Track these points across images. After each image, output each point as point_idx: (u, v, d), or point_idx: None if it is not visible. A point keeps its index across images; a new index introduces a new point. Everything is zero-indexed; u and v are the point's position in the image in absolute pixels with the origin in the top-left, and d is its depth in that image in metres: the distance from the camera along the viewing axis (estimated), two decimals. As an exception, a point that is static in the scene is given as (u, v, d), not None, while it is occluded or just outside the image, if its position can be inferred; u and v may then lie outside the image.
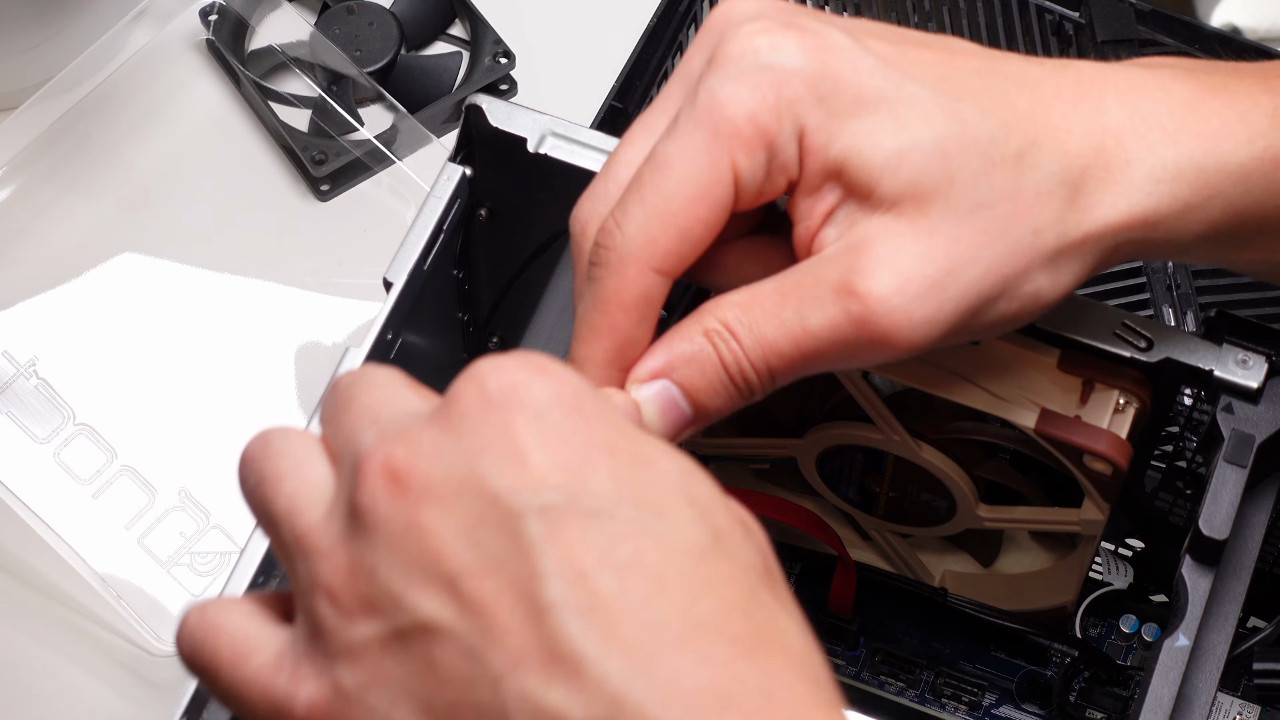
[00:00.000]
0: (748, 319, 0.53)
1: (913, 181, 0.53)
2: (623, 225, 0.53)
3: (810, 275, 0.53)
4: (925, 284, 0.53)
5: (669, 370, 0.54)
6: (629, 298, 0.53)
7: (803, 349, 0.53)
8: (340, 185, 0.91)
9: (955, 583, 0.74)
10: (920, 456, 0.68)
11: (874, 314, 0.53)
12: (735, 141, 0.53)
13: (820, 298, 0.53)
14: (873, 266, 0.53)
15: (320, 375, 0.65)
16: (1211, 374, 0.62)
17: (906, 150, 0.53)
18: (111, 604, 0.79)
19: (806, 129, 0.53)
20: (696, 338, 0.54)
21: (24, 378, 0.84)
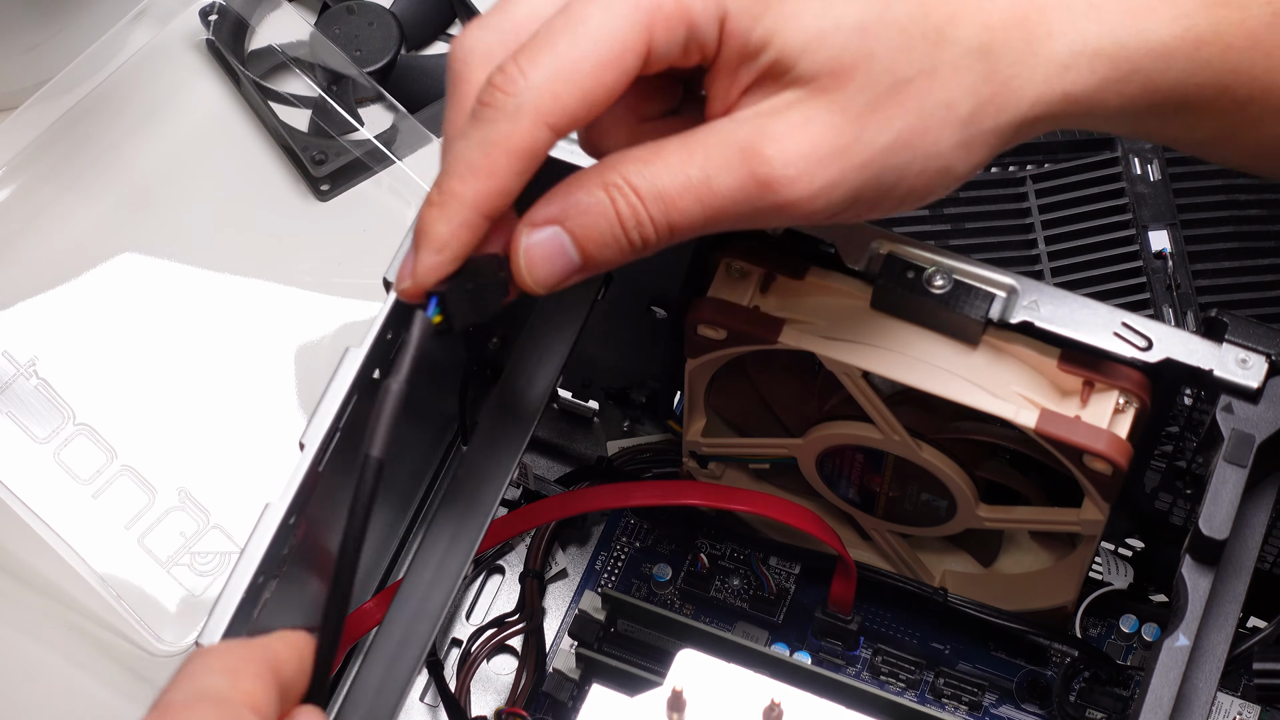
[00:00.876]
0: (650, 174, 0.53)
1: (831, 59, 0.53)
2: (527, 73, 0.52)
3: (717, 135, 0.54)
4: (829, 150, 0.53)
5: (562, 218, 0.54)
6: (517, 146, 0.53)
7: (706, 205, 0.54)
8: (340, 185, 0.91)
9: (955, 583, 0.74)
10: (920, 456, 0.68)
11: (777, 177, 0.53)
12: (657, 16, 0.53)
13: (727, 157, 0.53)
14: (780, 130, 0.53)
15: (320, 375, 0.65)
16: (1211, 374, 0.62)
17: (828, 31, 0.53)
18: (111, 604, 0.79)
19: (730, 13, 0.53)
20: (595, 190, 0.54)
21: (24, 378, 0.84)
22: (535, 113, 0.53)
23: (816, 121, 0.53)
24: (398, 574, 0.77)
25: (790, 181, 0.53)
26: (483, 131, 0.53)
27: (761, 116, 0.54)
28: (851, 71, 0.53)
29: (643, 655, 0.74)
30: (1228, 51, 0.56)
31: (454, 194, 0.53)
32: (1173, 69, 0.56)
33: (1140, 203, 0.87)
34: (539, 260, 0.54)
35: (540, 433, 0.80)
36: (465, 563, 0.64)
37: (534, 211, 0.55)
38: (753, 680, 0.62)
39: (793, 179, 0.53)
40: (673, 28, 0.53)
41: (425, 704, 0.76)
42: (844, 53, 0.53)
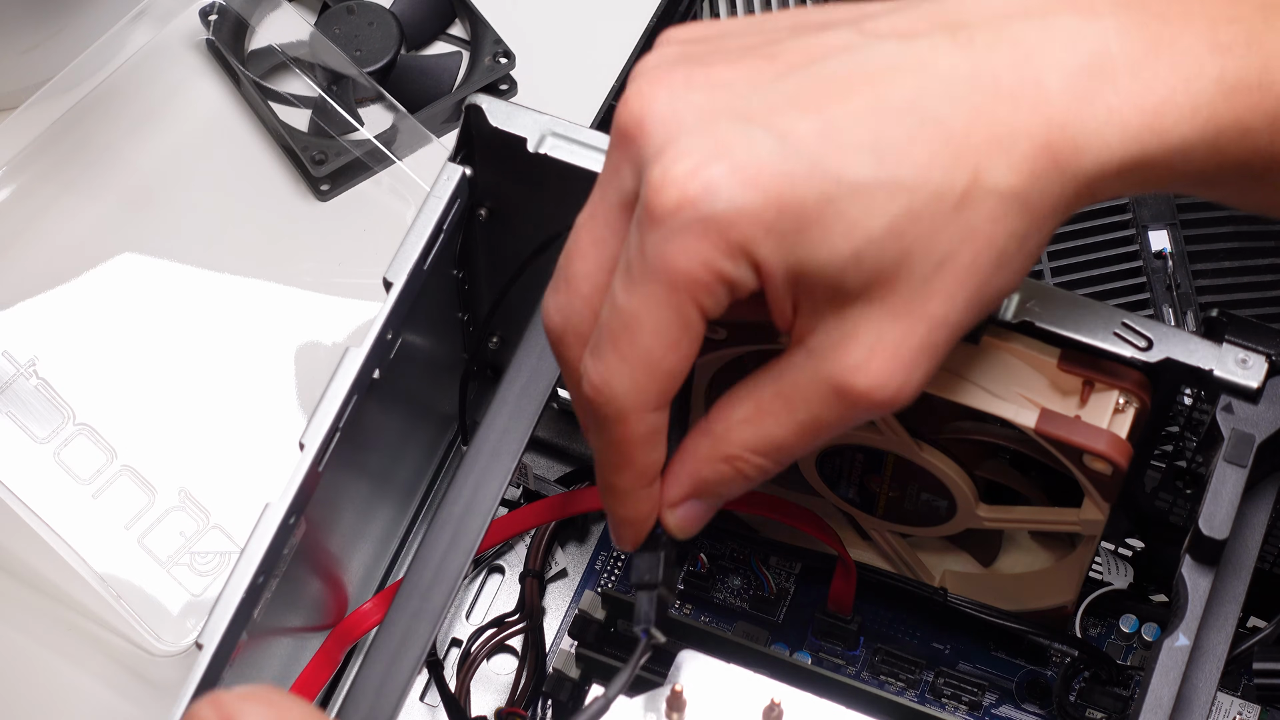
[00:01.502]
0: (762, 433, 0.57)
1: (873, 271, 0.54)
2: (611, 384, 0.56)
3: (806, 377, 0.56)
4: (913, 355, 0.55)
5: (697, 494, 0.59)
6: (638, 437, 0.57)
7: (820, 436, 0.57)
8: (340, 185, 0.91)
9: (955, 583, 0.74)
10: (920, 456, 0.68)
11: (877, 401, 0.56)
12: (695, 289, 0.54)
13: (824, 396, 0.56)
14: (859, 358, 0.55)
15: (320, 375, 0.65)
16: (1211, 374, 0.62)
17: (861, 249, 0.54)
18: (111, 604, 0.79)
19: (760, 259, 0.54)
20: (719, 465, 0.58)
21: (24, 378, 0.84)
22: (635, 411, 0.56)
23: (887, 336, 0.55)
24: (398, 574, 0.77)
25: (891, 398, 0.56)
26: (606, 437, 0.57)
27: (838, 349, 0.55)
28: (896, 274, 0.54)
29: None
30: (1246, 135, 0.56)
31: (616, 488, 0.59)
32: (1193, 160, 0.56)
33: (1140, 203, 0.87)
34: (688, 526, 0.60)
35: (540, 433, 0.80)
36: (465, 563, 0.64)
37: (669, 492, 0.59)
38: (753, 680, 0.62)
39: (893, 395, 0.55)
40: (713, 291, 0.54)
41: (425, 704, 0.76)
42: (883, 261, 0.54)
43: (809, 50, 0.55)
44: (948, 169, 0.54)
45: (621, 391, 0.56)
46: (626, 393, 0.56)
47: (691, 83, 0.55)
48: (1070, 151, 0.54)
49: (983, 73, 0.54)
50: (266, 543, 0.61)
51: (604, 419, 0.57)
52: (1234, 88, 0.55)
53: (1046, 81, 0.54)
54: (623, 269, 0.55)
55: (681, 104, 0.55)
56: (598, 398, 0.56)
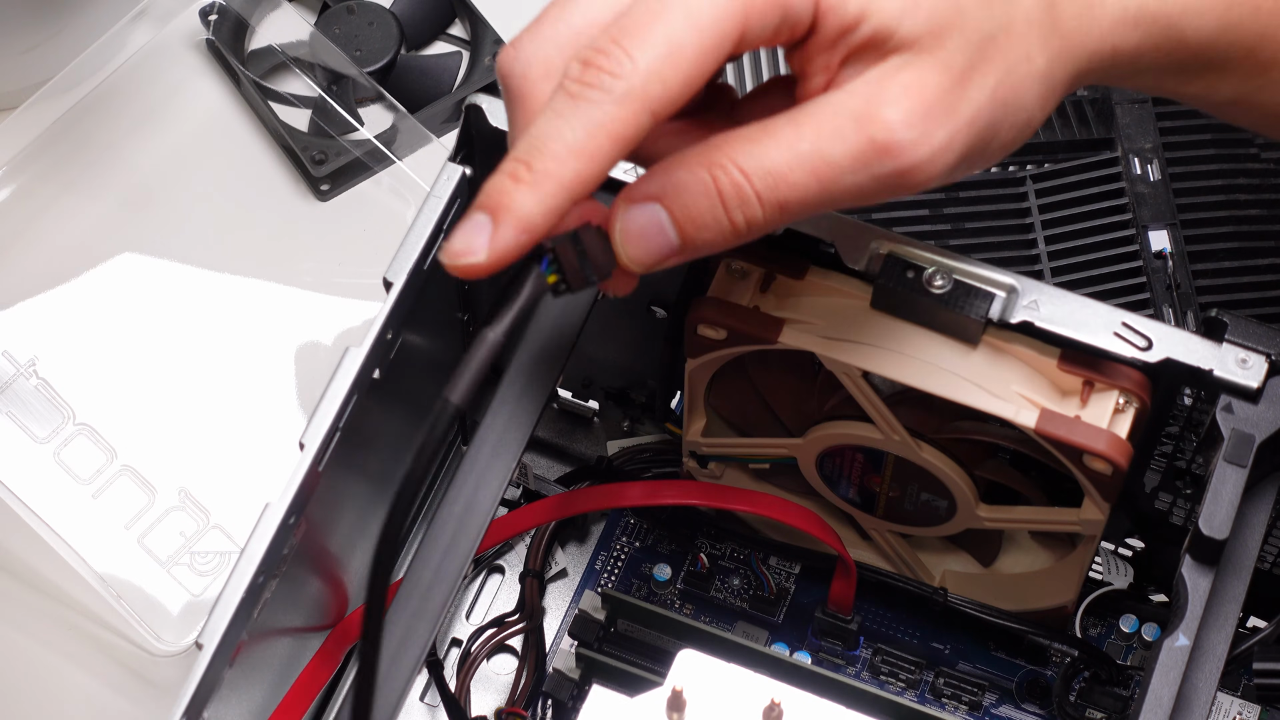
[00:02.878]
0: (758, 151, 0.52)
1: (928, 19, 0.53)
2: (635, 56, 0.51)
3: (828, 106, 0.53)
4: (942, 109, 0.53)
5: (661, 195, 0.53)
6: (622, 131, 0.51)
7: (820, 178, 0.53)
8: (340, 185, 0.91)
9: (955, 583, 0.74)
10: (920, 456, 0.68)
11: (898, 140, 0.53)
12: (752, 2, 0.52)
13: (840, 127, 0.53)
14: (895, 93, 0.53)
15: (320, 375, 0.65)
16: (1211, 374, 0.62)
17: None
18: (111, 604, 0.79)
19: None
20: (697, 169, 0.53)
21: (24, 378, 0.84)
22: (644, 97, 0.51)
23: (929, 82, 0.53)
24: (398, 574, 0.77)
25: (912, 144, 0.53)
26: (586, 113, 0.51)
27: (873, 84, 0.53)
28: (948, 30, 0.54)
29: (643, 655, 0.74)
30: (1258, 12, 0.57)
31: (549, 174, 0.51)
32: (1205, 26, 0.56)
33: (1140, 203, 0.87)
34: (636, 237, 0.53)
35: (540, 433, 0.80)
36: (465, 563, 0.64)
37: (633, 187, 0.53)
38: (753, 680, 0.62)
39: (915, 140, 0.53)
40: (767, 12, 0.52)
41: (425, 704, 0.76)
42: (937, 13, 0.53)
43: None
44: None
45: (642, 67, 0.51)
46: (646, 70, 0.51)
47: None
48: None
49: None
50: (266, 543, 0.61)
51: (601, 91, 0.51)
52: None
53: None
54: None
55: None
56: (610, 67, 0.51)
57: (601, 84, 0.51)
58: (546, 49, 0.54)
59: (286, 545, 0.63)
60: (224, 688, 0.61)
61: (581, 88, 0.51)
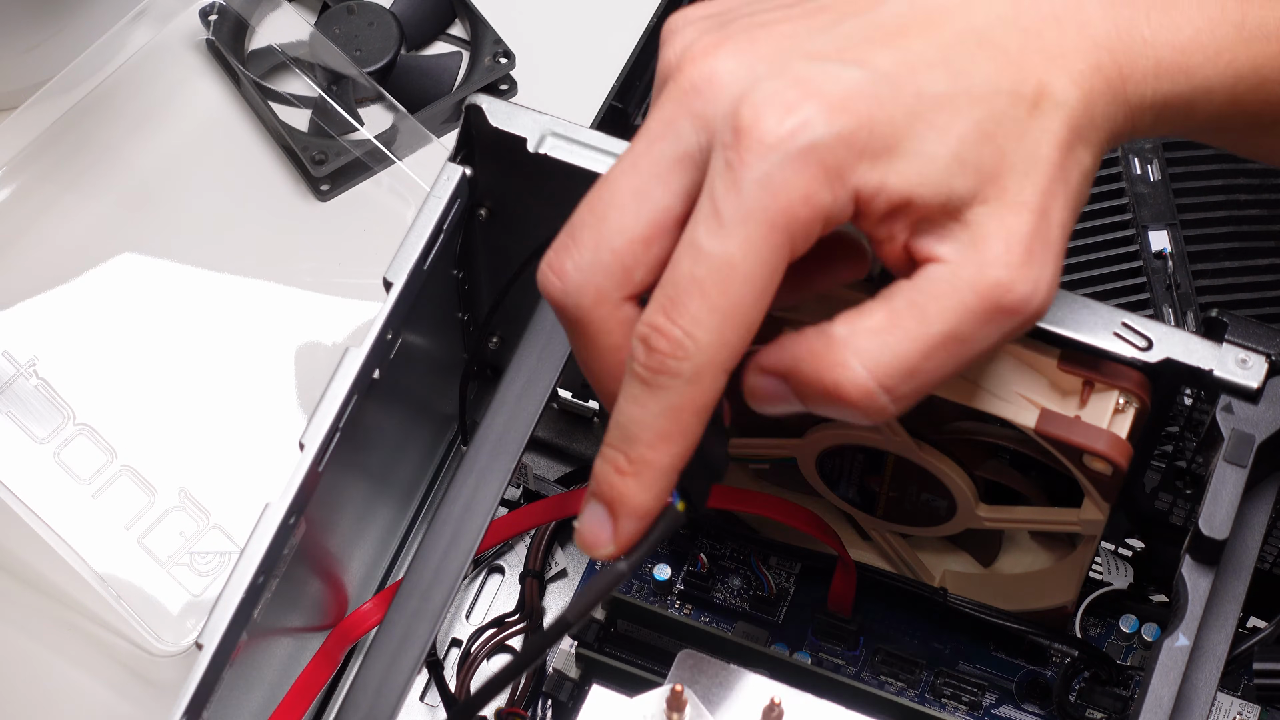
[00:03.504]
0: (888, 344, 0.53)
1: (978, 170, 0.54)
2: (695, 335, 0.52)
3: (945, 285, 0.54)
4: (1042, 248, 0.54)
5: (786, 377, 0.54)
6: (705, 404, 0.53)
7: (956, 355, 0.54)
8: (340, 185, 0.91)
9: (955, 583, 0.74)
10: (920, 456, 0.68)
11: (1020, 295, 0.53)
12: (794, 228, 0.52)
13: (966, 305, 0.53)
14: (998, 251, 0.53)
15: (320, 375, 0.65)
16: (1211, 374, 0.62)
17: (959, 151, 0.53)
18: (111, 604, 0.79)
19: (859, 184, 0.53)
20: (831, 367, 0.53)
21: (24, 378, 0.84)
22: (714, 367, 0.52)
23: (1015, 229, 0.54)
24: (398, 574, 0.77)
25: (1032, 292, 0.54)
26: (664, 399, 0.53)
27: (971, 249, 0.54)
28: (999, 171, 0.54)
29: (643, 655, 0.74)
30: (1262, 84, 0.57)
31: (647, 463, 0.53)
32: (1213, 102, 0.57)
33: (1140, 203, 0.87)
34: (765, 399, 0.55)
35: (540, 433, 0.80)
36: (465, 563, 0.64)
37: (765, 355, 0.55)
38: (753, 680, 0.62)
39: (1034, 288, 0.54)
40: (811, 230, 0.53)
41: (425, 704, 0.76)
42: (983, 160, 0.54)
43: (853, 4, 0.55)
44: (1014, 80, 0.54)
45: (706, 343, 0.52)
46: (710, 344, 0.52)
47: (754, 40, 0.54)
48: (1118, 77, 0.56)
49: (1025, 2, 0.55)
50: (266, 543, 0.61)
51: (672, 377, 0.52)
52: (1254, 35, 0.56)
53: (1087, 8, 0.55)
54: (707, 216, 0.52)
55: (750, 56, 0.54)
56: (674, 351, 0.52)
57: (668, 369, 0.52)
58: (594, 278, 0.54)
59: (286, 545, 0.63)
60: (224, 688, 0.61)
61: (651, 374, 0.53)
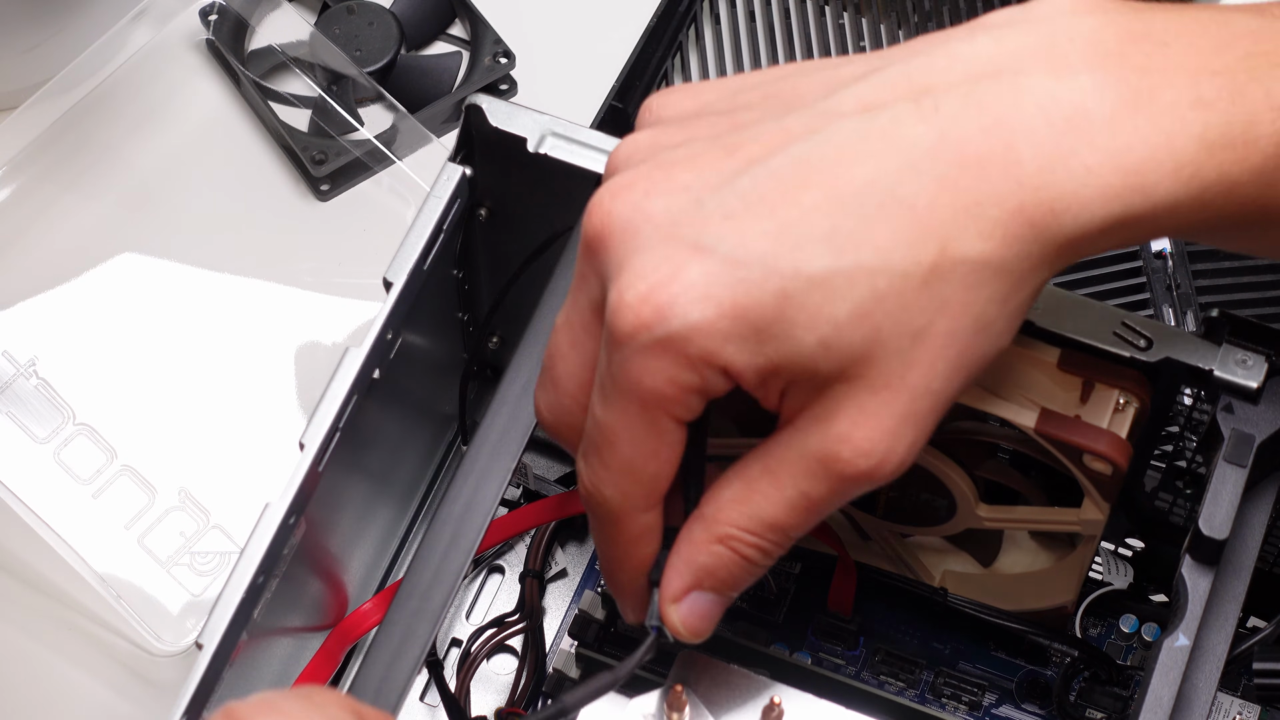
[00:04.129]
0: (752, 510, 0.57)
1: (844, 354, 0.54)
2: (599, 487, 0.58)
3: (794, 452, 0.56)
4: (897, 424, 0.55)
5: (697, 584, 0.58)
6: (631, 536, 0.59)
7: (812, 513, 0.57)
8: (340, 185, 0.91)
9: (955, 583, 0.74)
10: (920, 456, 0.68)
11: (863, 471, 0.55)
12: (664, 403, 0.55)
13: (812, 471, 0.56)
14: (846, 432, 0.55)
15: (320, 375, 0.65)
16: (1211, 374, 0.62)
17: (827, 336, 0.54)
18: (111, 604, 0.79)
19: (726, 364, 0.54)
20: (714, 547, 0.58)
21: (24, 378, 0.84)
22: (625, 513, 0.58)
23: (868, 409, 0.55)
24: (398, 574, 0.77)
25: (877, 467, 0.55)
26: (603, 533, 0.59)
27: (821, 422, 0.55)
28: (869, 353, 0.54)
29: (643, 655, 0.74)
30: (1233, 190, 0.54)
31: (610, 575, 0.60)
32: (1180, 215, 0.55)
33: (1140, 203, 0.87)
34: (695, 623, 0.59)
35: (540, 433, 0.80)
36: (465, 562, 0.64)
37: (668, 585, 0.59)
38: (753, 680, 0.62)
39: (878, 464, 0.55)
40: (686, 399, 0.55)
41: (425, 704, 0.76)
42: (853, 344, 0.54)
43: (770, 140, 0.55)
44: (912, 245, 0.53)
45: (610, 496, 0.58)
46: (614, 497, 0.58)
47: (652, 190, 0.55)
48: (1046, 214, 0.54)
49: (948, 142, 0.53)
50: (266, 543, 0.61)
51: (598, 520, 0.59)
52: (1216, 143, 0.54)
53: (1017, 145, 0.53)
54: (598, 384, 0.56)
55: (640, 216, 0.55)
56: (589, 501, 0.58)
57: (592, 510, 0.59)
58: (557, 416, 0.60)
59: (286, 545, 0.63)
60: (224, 688, 0.61)
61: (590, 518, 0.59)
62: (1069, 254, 0.55)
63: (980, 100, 0.54)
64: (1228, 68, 0.54)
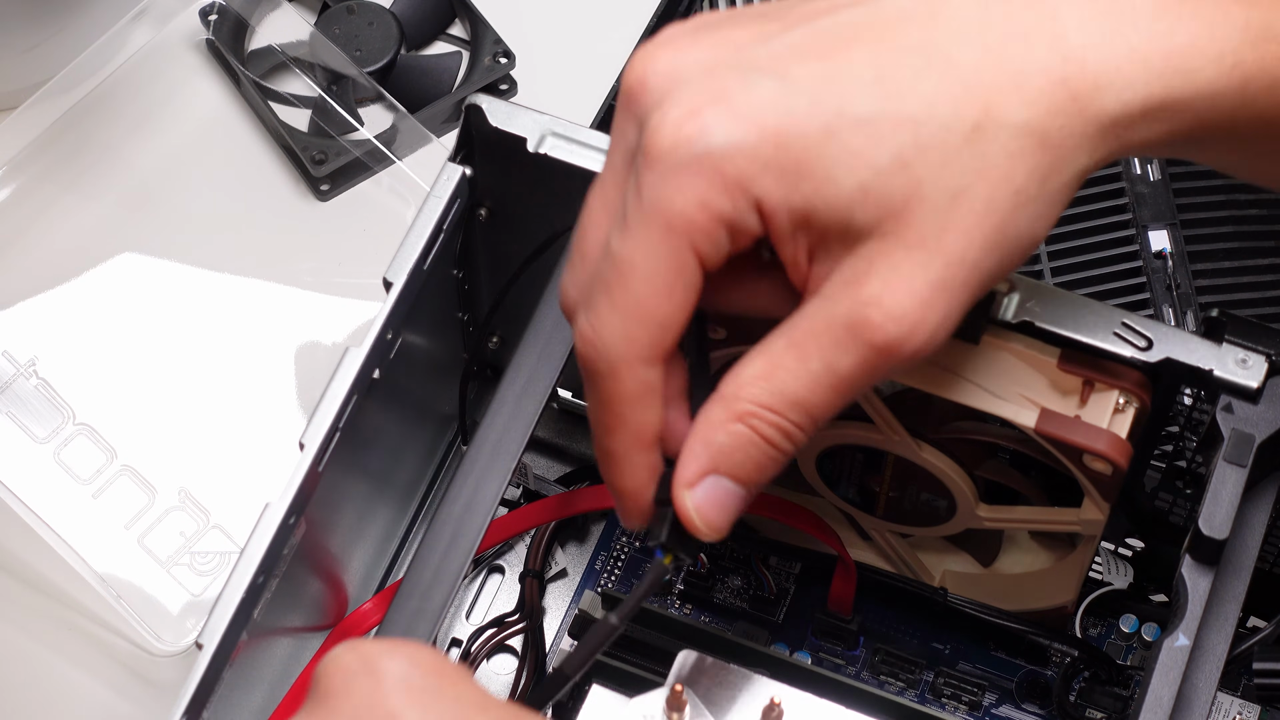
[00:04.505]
0: (775, 387, 0.54)
1: (882, 204, 0.53)
2: (600, 331, 0.54)
3: (820, 321, 0.54)
4: (931, 291, 0.53)
5: (714, 466, 0.55)
6: (629, 393, 0.55)
7: (839, 392, 0.54)
8: (340, 185, 0.91)
9: (955, 583, 0.74)
10: (920, 456, 0.68)
11: (894, 339, 0.53)
12: (692, 231, 0.53)
13: (840, 341, 0.53)
14: (874, 292, 0.53)
15: (320, 375, 0.65)
16: (1211, 374, 0.62)
17: (867, 181, 0.53)
18: (111, 604, 0.79)
19: (761, 197, 0.53)
20: (733, 425, 0.55)
21: (24, 378, 0.84)
22: (624, 362, 0.54)
23: (902, 269, 0.53)
24: (398, 574, 0.78)
25: (908, 336, 0.53)
26: (596, 394, 0.55)
27: (851, 285, 0.53)
28: (907, 206, 0.53)
29: (643, 655, 0.74)
30: (1275, 87, 0.55)
31: (611, 451, 0.56)
32: (1220, 106, 0.55)
33: (1140, 203, 0.87)
34: (712, 513, 0.55)
35: (540, 433, 0.80)
36: (465, 562, 0.64)
37: (683, 469, 0.55)
38: (753, 680, 0.62)
39: (909, 333, 0.53)
40: (712, 233, 0.53)
41: (425, 704, 0.76)
42: (892, 194, 0.53)
43: (819, 8, 0.55)
44: (957, 100, 0.53)
45: (612, 342, 0.54)
46: (617, 343, 0.54)
47: (697, 42, 0.55)
48: (1090, 88, 0.54)
49: (995, 13, 0.54)
50: (266, 543, 0.61)
51: (595, 374, 0.55)
52: (1261, 36, 0.54)
53: (1063, 18, 0.54)
54: (618, 216, 0.54)
55: (685, 59, 0.54)
56: (588, 351, 0.55)
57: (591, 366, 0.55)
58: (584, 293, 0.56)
59: (286, 545, 0.63)
60: (224, 688, 0.61)
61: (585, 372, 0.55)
62: (1113, 137, 0.54)
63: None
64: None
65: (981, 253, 0.54)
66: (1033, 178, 0.54)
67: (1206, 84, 0.54)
